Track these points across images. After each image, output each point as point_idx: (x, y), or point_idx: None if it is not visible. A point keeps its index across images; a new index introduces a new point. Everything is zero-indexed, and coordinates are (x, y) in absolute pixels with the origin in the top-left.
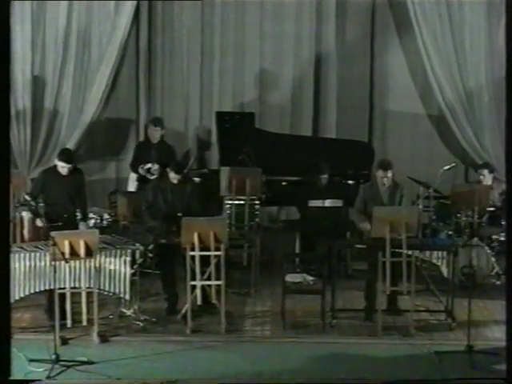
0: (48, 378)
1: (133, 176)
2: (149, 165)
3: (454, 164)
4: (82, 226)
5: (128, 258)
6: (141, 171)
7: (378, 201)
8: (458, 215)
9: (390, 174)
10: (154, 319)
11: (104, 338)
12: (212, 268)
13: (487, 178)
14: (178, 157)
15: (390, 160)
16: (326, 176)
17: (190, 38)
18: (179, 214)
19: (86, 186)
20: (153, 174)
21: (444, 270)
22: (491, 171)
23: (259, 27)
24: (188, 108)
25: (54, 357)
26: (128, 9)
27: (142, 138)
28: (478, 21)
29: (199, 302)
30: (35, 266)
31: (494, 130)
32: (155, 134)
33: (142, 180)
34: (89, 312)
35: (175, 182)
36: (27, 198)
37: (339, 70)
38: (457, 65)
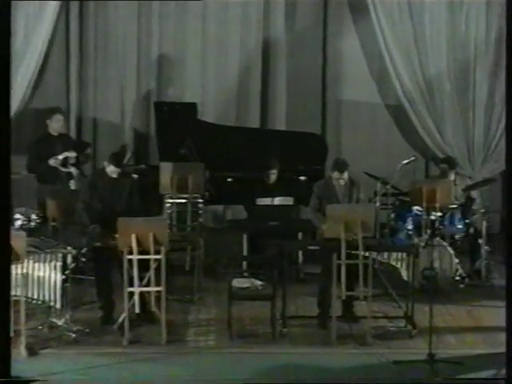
0: None
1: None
2: (65, 153)
3: (413, 158)
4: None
5: (59, 263)
6: (53, 163)
7: (334, 199)
8: (419, 213)
9: (346, 175)
10: (87, 330)
11: (32, 351)
12: (151, 273)
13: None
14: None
15: (345, 160)
16: (275, 172)
17: (125, 23)
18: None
19: (11, 183)
20: (71, 165)
21: (403, 273)
22: (452, 167)
23: (202, 10)
24: (124, 98)
25: None
26: None
27: (72, 130)
28: (439, 6)
29: (137, 310)
30: None
31: (456, 121)
32: (58, 125)
33: (44, 180)
34: (16, 322)
35: (114, 176)
36: None
37: (289, 56)
38: (416, 52)
